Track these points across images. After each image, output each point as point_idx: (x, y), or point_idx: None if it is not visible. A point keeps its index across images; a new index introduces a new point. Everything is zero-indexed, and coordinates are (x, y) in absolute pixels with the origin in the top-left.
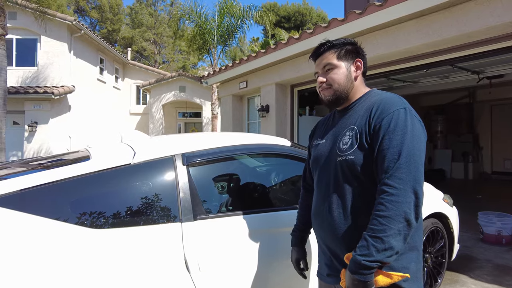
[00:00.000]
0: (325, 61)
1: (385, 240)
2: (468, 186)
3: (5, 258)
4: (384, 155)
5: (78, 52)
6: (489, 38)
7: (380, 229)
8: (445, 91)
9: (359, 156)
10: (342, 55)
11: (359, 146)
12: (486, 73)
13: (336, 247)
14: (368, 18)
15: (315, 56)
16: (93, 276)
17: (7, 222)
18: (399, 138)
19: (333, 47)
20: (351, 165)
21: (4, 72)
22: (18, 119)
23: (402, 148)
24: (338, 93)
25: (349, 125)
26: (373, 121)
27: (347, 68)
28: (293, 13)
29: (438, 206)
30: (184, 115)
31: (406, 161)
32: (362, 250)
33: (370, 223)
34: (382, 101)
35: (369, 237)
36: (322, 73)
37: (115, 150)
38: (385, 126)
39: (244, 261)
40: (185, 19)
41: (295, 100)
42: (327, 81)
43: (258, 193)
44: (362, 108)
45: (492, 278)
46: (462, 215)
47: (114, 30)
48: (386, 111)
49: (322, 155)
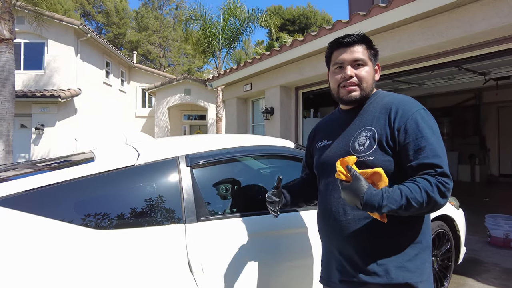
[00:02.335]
0: (358, 55)
1: (411, 208)
2: (475, 189)
3: (11, 258)
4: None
5: (85, 55)
6: (495, 39)
7: (419, 200)
8: (451, 93)
9: (379, 157)
10: (372, 54)
11: (379, 146)
12: (492, 75)
13: (348, 249)
14: (373, 19)
15: (345, 44)
16: (97, 276)
17: (13, 222)
18: (431, 137)
19: (365, 43)
20: (370, 166)
21: (12, 75)
22: (25, 122)
23: (437, 147)
24: (364, 93)
25: (364, 125)
26: (396, 123)
27: (372, 69)
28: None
29: (444, 208)
30: (189, 117)
31: (446, 159)
32: (392, 203)
33: (412, 187)
34: (399, 102)
35: (405, 197)
36: (351, 66)
37: (119, 151)
38: (412, 126)
39: (247, 263)
40: (191, 22)
41: (300, 103)
42: (357, 77)
43: (262, 195)
44: (375, 108)
45: (499, 282)
46: (468, 218)
47: (120, 33)
48: (408, 111)
49: (331, 157)
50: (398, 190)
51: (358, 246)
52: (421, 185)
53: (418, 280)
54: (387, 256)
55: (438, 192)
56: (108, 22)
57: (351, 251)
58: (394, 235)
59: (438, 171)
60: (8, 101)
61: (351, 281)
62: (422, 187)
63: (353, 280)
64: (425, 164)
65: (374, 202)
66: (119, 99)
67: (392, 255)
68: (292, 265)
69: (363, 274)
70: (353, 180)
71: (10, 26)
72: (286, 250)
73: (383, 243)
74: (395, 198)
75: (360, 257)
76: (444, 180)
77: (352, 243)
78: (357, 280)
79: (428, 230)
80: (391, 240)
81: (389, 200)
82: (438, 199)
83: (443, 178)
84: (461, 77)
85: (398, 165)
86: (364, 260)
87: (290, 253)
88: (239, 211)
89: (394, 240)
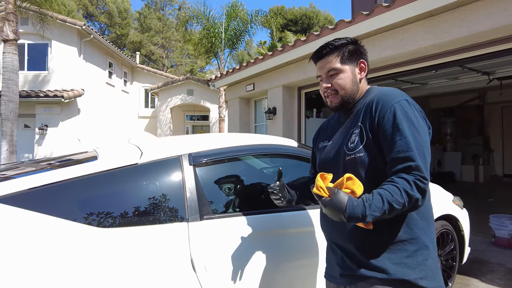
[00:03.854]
0: (329, 65)
1: (393, 210)
2: (479, 189)
3: (14, 256)
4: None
5: (88, 56)
6: (499, 38)
7: (399, 201)
8: (454, 93)
9: (368, 152)
10: (346, 57)
11: (366, 142)
12: (496, 74)
13: (348, 245)
14: (376, 19)
15: (316, 59)
16: (101, 274)
17: (17, 220)
18: (406, 129)
19: (336, 50)
20: (362, 162)
21: (16, 75)
22: (29, 122)
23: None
24: (346, 98)
25: (355, 123)
26: (376, 116)
27: (352, 72)
28: (300, 17)
29: (447, 208)
30: (191, 118)
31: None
32: (375, 209)
33: (391, 189)
34: (382, 95)
35: (387, 202)
36: (326, 77)
37: (122, 150)
38: (389, 119)
39: (250, 262)
40: (193, 22)
41: (302, 103)
42: (332, 86)
43: (265, 194)
44: (364, 105)
45: (504, 282)
46: (472, 218)
47: (122, 34)
48: (388, 103)
49: (330, 157)
50: (378, 195)
51: (357, 242)
52: (400, 185)
53: (418, 276)
54: (386, 252)
55: (417, 190)
56: (111, 23)
57: (351, 246)
58: (392, 231)
59: (413, 166)
60: (12, 101)
61: (351, 274)
62: (401, 187)
63: (353, 274)
64: (398, 158)
65: (357, 214)
66: (122, 100)
67: (391, 251)
68: (296, 263)
69: (363, 269)
70: (333, 195)
71: (14, 27)
72: (289, 249)
73: (381, 239)
74: (377, 205)
75: (359, 252)
76: (420, 175)
77: (352, 239)
78: (357, 274)
79: (429, 226)
80: (389, 236)
81: (371, 208)
82: (418, 196)
83: (419, 173)
84: (465, 76)
85: (383, 157)
86: (363, 255)
87: (293, 252)
88: (242, 210)
89: (393, 236)
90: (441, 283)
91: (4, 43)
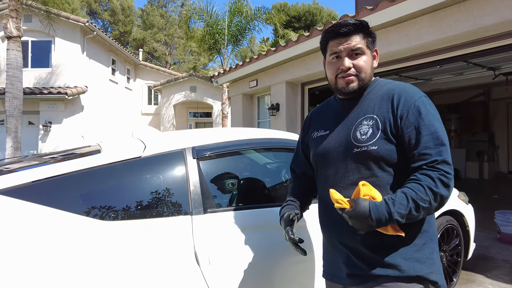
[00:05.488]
0: (354, 44)
1: (420, 210)
2: (484, 185)
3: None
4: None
5: (91, 53)
6: (505, 32)
7: (425, 199)
8: (459, 89)
9: (383, 146)
10: (370, 42)
11: (382, 135)
12: (502, 70)
13: (356, 244)
14: (380, 13)
15: (338, 34)
16: (104, 267)
17: (19, 212)
18: (433, 125)
19: (362, 30)
20: (374, 156)
21: (20, 72)
22: (33, 119)
23: (440, 135)
24: (364, 83)
25: (365, 114)
26: (399, 110)
27: (371, 57)
28: (304, 13)
29: (453, 203)
30: (195, 115)
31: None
32: (400, 207)
33: (415, 187)
34: (401, 89)
35: (411, 200)
36: (348, 56)
37: (126, 143)
38: (414, 114)
39: (254, 255)
40: (196, 18)
41: (306, 99)
42: (355, 67)
43: (269, 188)
44: (376, 96)
45: (510, 278)
46: (477, 214)
47: (125, 31)
48: (411, 98)
49: (330, 147)
50: (401, 193)
51: (364, 239)
52: (424, 182)
53: (429, 271)
54: (396, 247)
55: (442, 185)
56: (114, 20)
57: (358, 244)
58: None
59: (439, 160)
60: (16, 98)
61: (360, 274)
62: (425, 185)
63: (363, 274)
64: (424, 154)
65: (383, 214)
66: (125, 97)
67: (400, 246)
68: (299, 258)
69: (373, 267)
70: (354, 204)
71: (17, 24)
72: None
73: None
74: (401, 202)
75: (368, 249)
76: (445, 170)
77: (358, 236)
78: (367, 274)
79: (432, 219)
80: None
81: (396, 205)
82: (444, 192)
83: (444, 167)
84: (470, 72)
85: (402, 153)
86: (372, 253)
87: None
88: (246, 203)
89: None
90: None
91: (8, 40)
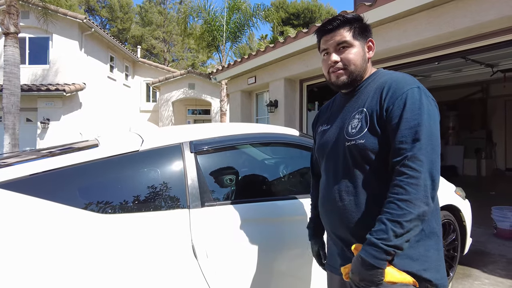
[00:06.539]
0: (339, 38)
1: (404, 225)
2: (481, 182)
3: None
4: (402, 137)
5: (89, 50)
6: (503, 28)
7: (400, 213)
8: (457, 86)
9: (370, 140)
10: (357, 33)
11: (369, 129)
12: (500, 66)
13: (348, 236)
14: (378, 10)
15: (324, 32)
16: (102, 260)
17: (17, 205)
18: (416, 119)
19: (347, 23)
20: (362, 150)
21: (17, 69)
22: (31, 116)
23: (420, 129)
24: (354, 75)
25: (358, 107)
26: (386, 102)
27: (362, 48)
28: (302, 10)
29: (449, 198)
30: (193, 112)
31: (425, 142)
32: (380, 234)
33: (387, 207)
34: (393, 80)
35: (388, 221)
36: (334, 51)
37: (123, 138)
38: (399, 106)
39: (251, 249)
40: (194, 16)
41: (304, 95)
42: (342, 61)
43: (266, 182)
44: (371, 89)
45: (506, 273)
46: (474, 210)
47: (124, 28)
48: (399, 90)
49: (329, 141)
50: (378, 222)
51: (355, 232)
52: (393, 198)
53: (421, 268)
54: None
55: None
56: (112, 17)
57: (349, 237)
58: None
59: (408, 156)
60: (14, 94)
61: None
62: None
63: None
64: (402, 148)
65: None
66: (124, 94)
67: None
68: (296, 251)
69: None
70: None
71: (15, 20)
72: (289, 237)
73: None
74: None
75: (360, 242)
76: (411, 167)
77: (350, 229)
78: None
79: (433, 215)
80: None
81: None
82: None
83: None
84: (468, 69)
85: (388, 146)
86: None
87: (293, 240)
88: (243, 197)
89: None
90: (444, 275)
91: (5, 36)
